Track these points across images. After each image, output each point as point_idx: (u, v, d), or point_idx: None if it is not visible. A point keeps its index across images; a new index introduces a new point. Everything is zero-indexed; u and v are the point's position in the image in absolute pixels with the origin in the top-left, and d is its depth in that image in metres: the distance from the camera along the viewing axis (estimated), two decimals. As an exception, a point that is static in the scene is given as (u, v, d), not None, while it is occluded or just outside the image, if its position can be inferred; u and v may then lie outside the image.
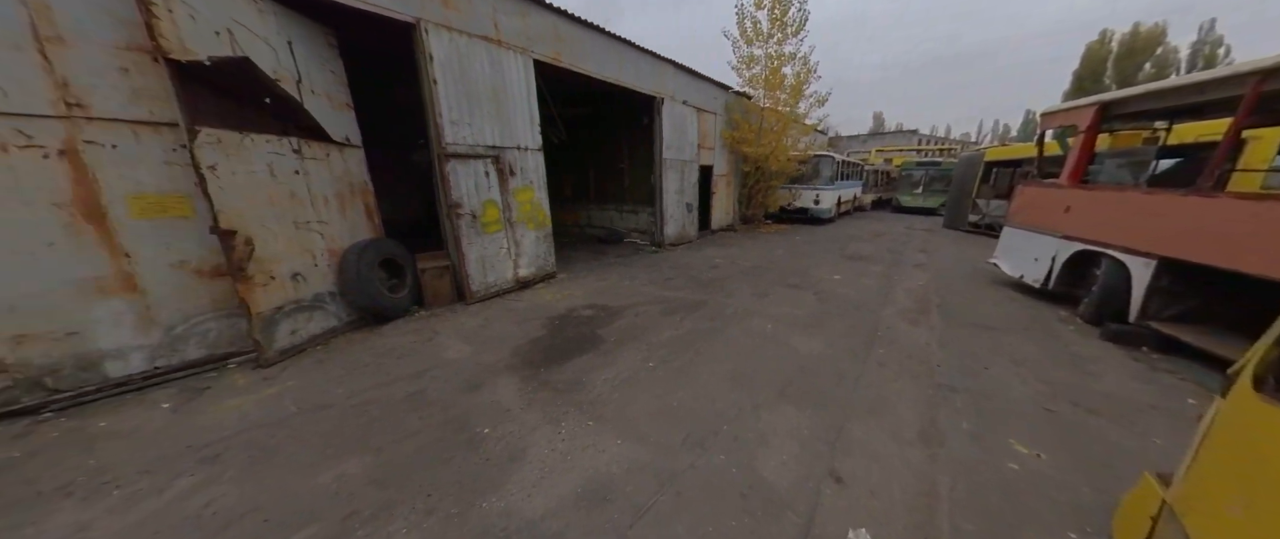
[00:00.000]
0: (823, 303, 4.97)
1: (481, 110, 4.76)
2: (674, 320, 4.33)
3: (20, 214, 2.59)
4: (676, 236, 8.87)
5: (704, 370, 3.22)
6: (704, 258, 7.66)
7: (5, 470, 2.17)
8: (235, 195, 3.12)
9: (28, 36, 2.52)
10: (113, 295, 2.91)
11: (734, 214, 11.72)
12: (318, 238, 3.84)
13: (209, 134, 2.96)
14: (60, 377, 2.78)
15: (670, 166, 8.30)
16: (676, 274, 6.37)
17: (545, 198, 5.84)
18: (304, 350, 3.62)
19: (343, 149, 4.17)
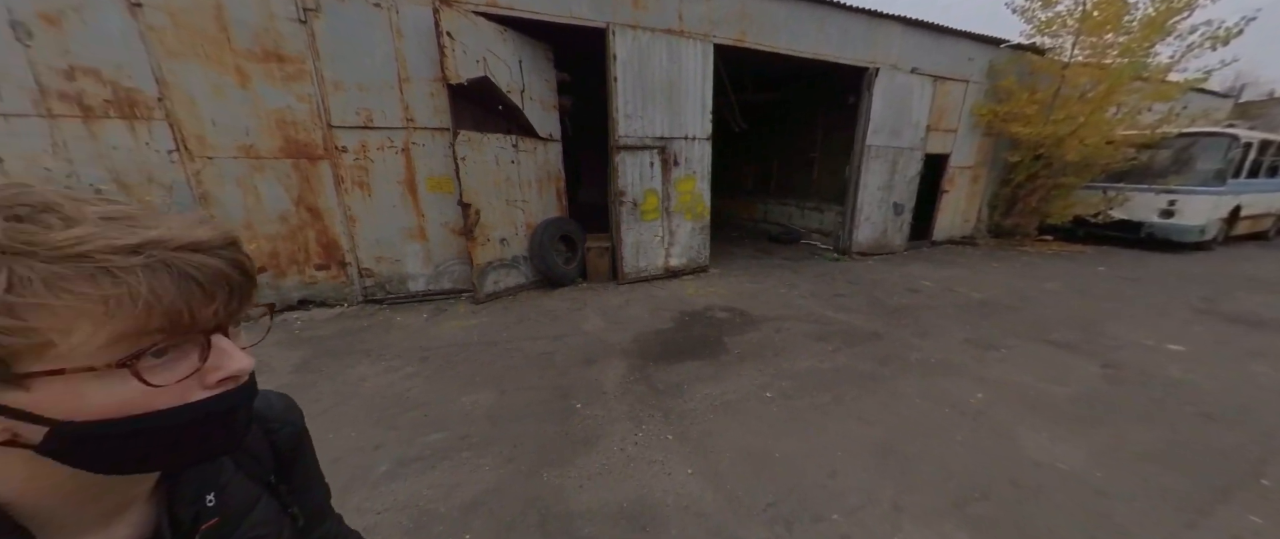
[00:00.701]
0: (1115, 384, 2.97)
1: (654, 103, 4.96)
2: (823, 349, 3.49)
3: (386, 187, 4.36)
4: (871, 244, 7.10)
5: (838, 427, 2.46)
6: (904, 276, 5.85)
7: (356, 333, 3.80)
8: (473, 178, 4.33)
9: (395, 80, 4.14)
10: (415, 240, 4.59)
11: (979, 222, 8.45)
12: (520, 213, 4.94)
13: (464, 135, 4.18)
14: (390, 285, 4.62)
15: (875, 156, 6.61)
16: (854, 292, 5.10)
17: (707, 188, 5.67)
18: (500, 297, 4.79)
19: (546, 143, 5.16)
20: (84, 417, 0.28)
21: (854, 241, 6.94)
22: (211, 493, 0.41)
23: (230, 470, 0.45)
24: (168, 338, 0.29)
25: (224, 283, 0.31)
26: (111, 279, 0.27)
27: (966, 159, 7.74)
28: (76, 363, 0.27)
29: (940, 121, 7.09)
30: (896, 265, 6.52)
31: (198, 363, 0.31)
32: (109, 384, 0.28)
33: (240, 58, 3.68)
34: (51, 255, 0.26)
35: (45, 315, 0.26)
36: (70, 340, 0.26)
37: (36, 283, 0.25)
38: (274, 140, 3.93)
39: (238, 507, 0.43)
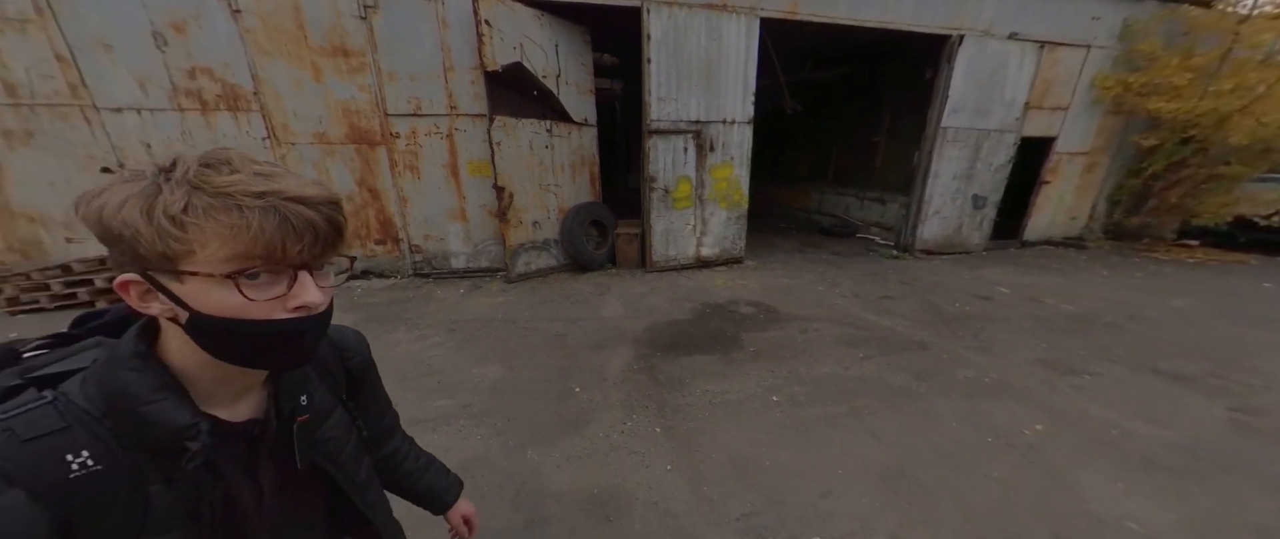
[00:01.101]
0: (1244, 435, 2.33)
1: (690, 84, 4.73)
2: (851, 355, 3.17)
3: (433, 170, 4.73)
4: (940, 241, 6.23)
5: (847, 442, 2.23)
6: (975, 280, 5.08)
7: (401, 303, 4.22)
8: (508, 163, 4.51)
9: (439, 70, 4.41)
10: (457, 221, 4.95)
11: (1091, 220, 7.03)
12: (552, 197, 5.07)
13: (500, 120, 4.35)
14: (435, 261, 5.05)
15: (952, 140, 5.72)
16: (906, 295, 4.55)
17: (746, 176, 5.35)
18: (529, 278, 5.01)
19: (581, 128, 5.20)
20: (207, 310, 0.39)
21: (918, 238, 6.13)
22: (304, 396, 0.53)
23: (316, 382, 0.57)
24: (263, 264, 0.39)
25: (312, 230, 0.39)
26: (239, 213, 0.37)
27: (1079, 143, 6.39)
28: (206, 269, 0.37)
29: (1045, 97, 5.91)
30: (969, 267, 5.66)
31: (284, 290, 0.40)
32: (222, 290, 0.38)
33: (314, 54, 4.16)
34: (212, 191, 0.36)
35: (196, 232, 0.36)
36: (206, 252, 0.37)
37: (199, 209, 0.36)
38: (341, 128, 4.43)
39: (321, 410, 0.56)
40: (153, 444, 0.41)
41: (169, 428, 0.41)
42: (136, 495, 0.40)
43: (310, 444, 0.54)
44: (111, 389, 0.40)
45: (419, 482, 0.79)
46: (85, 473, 0.38)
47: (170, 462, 0.42)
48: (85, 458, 0.38)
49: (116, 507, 0.39)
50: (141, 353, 0.42)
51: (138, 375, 0.41)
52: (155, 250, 0.36)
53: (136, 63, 3.90)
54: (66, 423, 0.38)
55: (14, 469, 0.35)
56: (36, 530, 0.34)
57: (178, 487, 0.43)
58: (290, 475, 0.53)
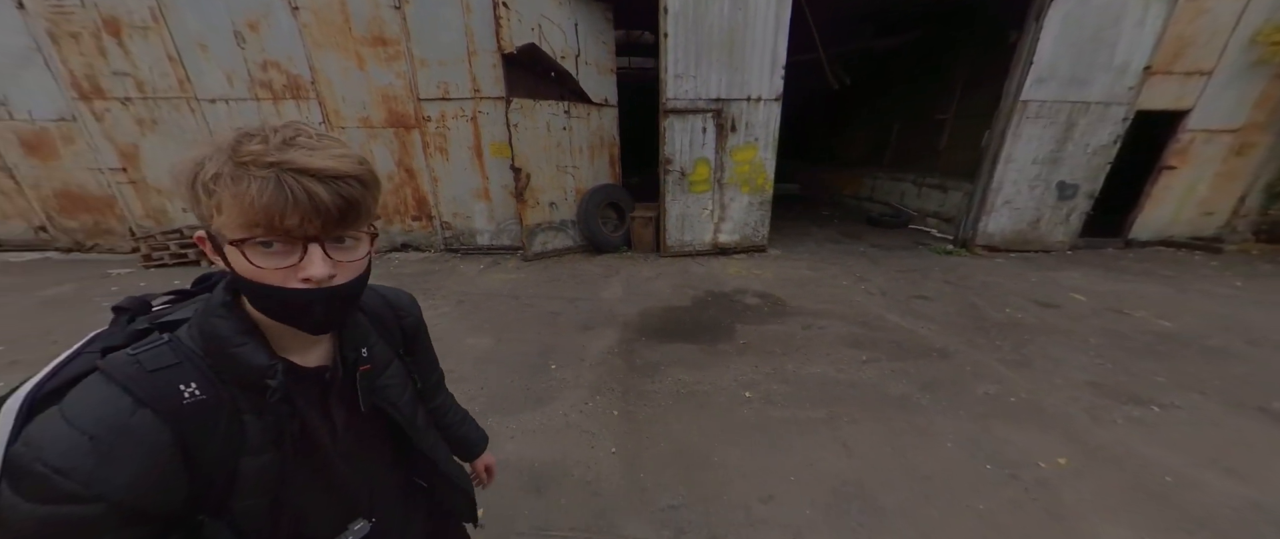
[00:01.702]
0: (1366, 503, 1.76)
1: (710, 59, 4.46)
2: (852, 357, 2.89)
3: (459, 152, 5.03)
4: (1010, 236, 5.35)
5: (811, 450, 2.08)
6: (1043, 284, 4.31)
7: (428, 275, 4.62)
8: (525, 144, 4.65)
9: (464, 55, 4.61)
10: (481, 200, 5.24)
11: (1236, 216, 5.58)
12: (570, 178, 5.15)
13: (517, 102, 4.47)
14: (463, 238, 5.42)
15: (1035, 115, 4.80)
16: (947, 296, 4.01)
17: (772, 158, 4.97)
18: (546, 257, 5.19)
19: (601, 109, 5.17)
20: (237, 270, 0.44)
21: (979, 231, 5.31)
22: (364, 348, 0.59)
23: (375, 336, 0.63)
24: (265, 234, 0.41)
25: (310, 202, 0.40)
26: (247, 183, 0.39)
27: (1227, 118, 5.01)
28: (224, 234, 0.42)
29: (1176, 59, 4.69)
30: (1042, 268, 4.81)
31: (295, 260, 0.43)
32: (237, 255, 0.42)
33: (358, 44, 4.56)
34: (238, 160, 0.39)
35: (217, 199, 0.40)
36: (221, 218, 0.41)
37: (225, 177, 0.39)
38: (381, 112, 4.85)
39: (380, 361, 0.63)
40: (242, 380, 0.48)
41: (252, 367, 0.47)
42: (233, 422, 0.47)
43: (371, 390, 0.60)
44: (208, 333, 0.47)
45: (456, 432, 0.89)
46: (194, 400, 0.45)
47: (257, 396, 0.48)
48: (193, 388, 0.45)
49: (218, 430, 0.46)
50: (227, 303, 0.49)
51: (225, 322, 0.47)
52: (199, 213, 0.42)
53: (224, 59, 4.58)
54: (179, 359, 0.46)
55: (144, 394, 0.42)
56: (163, 444, 0.42)
57: (265, 417, 0.49)
58: (357, 416, 0.60)
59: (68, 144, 4.90)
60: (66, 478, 0.37)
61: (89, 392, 0.42)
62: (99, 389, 0.42)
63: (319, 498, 0.56)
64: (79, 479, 0.38)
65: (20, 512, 0.37)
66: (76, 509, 0.38)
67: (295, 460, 0.52)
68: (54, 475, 0.37)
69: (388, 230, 5.38)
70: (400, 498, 0.71)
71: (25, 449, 0.39)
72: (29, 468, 0.38)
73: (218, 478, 0.47)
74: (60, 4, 4.32)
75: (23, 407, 0.42)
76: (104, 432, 0.40)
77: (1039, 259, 5.16)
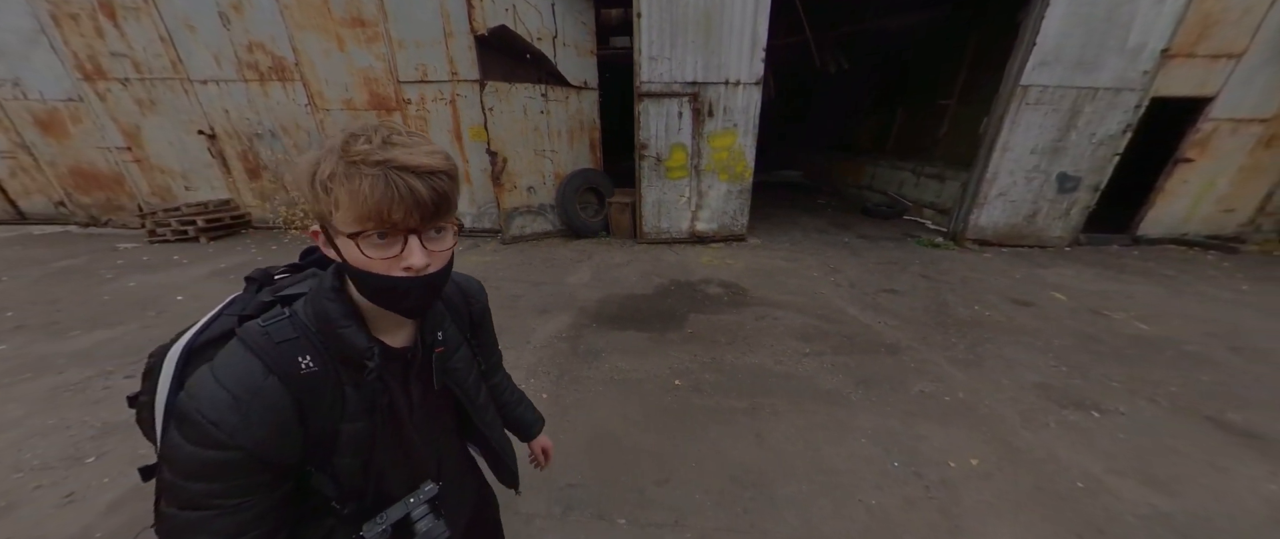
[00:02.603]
0: (1286, 521, 1.70)
1: (685, 40, 4.32)
2: (796, 349, 2.88)
3: (440, 135, 5.07)
4: (1004, 230, 5.12)
5: (721, 439, 2.11)
6: (1025, 281, 4.14)
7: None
8: (501, 128, 4.66)
9: (441, 36, 4.60)
10: (462, 183, 5.30)
11: (1261, 212, 5.20)
12: (548, 163, 5.16)
13: (492, 85, 4.46)
14: (445, 220, 5.52)
15: (1037, 102, 4.51)
16: (919, 290, 3.90)
17: (751, 145, 4.85)
18: (524, 241, 5.26)
19: (580, 92, 5.11)
20: (350, 261, 0.49)
21: (971, 224, 5.09)
22: (440, 332, 0.66)
23: (449, 322, 0.69)
24: (377, 226, 0.45)
25: (413, 196, 0.44)
26: (360, 180, 0.43)
27: (1256, 106, 4.60)
28: (340, 228, 0.47)
29: (1200, 40, 4.29)
30: (1032, 264, 4.60)
31: (398, 251, 0.48)
32: (350, 247, 0.47)
33: (338, 25, 4.60)
34: (349, 159, 0.43)
35: (335, 197, 0.44)
36: (339, 214, 0.45)
37: (340, 176, 0.44)
38: (363, 94, 4.92)
39: (452, 344, 0.69)
40: (345, 356, 0.54)
41: (355, 347, 0.53)
42: (337, 392, 0.54)
43: (444, 370, 0.67)
44: (319, 313, 0.53)
45: (513, 412, 0.94)
46: (309, 372, 0.51)
47: (356, 372, 0.55)
48: (309, 361, 0.51)
49: (325, 398, 0.53)
50: (336, 288, 0.54)
51: (333, 305, 0.53)
52: (316, 210, 0.48)
53: (211, 40, 4.70)
54: (297, 334, 0.52)
55: (272, 362, 0.50)
56: (286, 405, 0.50)
57: (361, 390, 0.55)
58: (430, 392, 0.66)
59: (77, 123, 5.17)
60: (217, 429, 0.46)
61: (232, 356, 0.50)
62: (239, 355, 0.50)
63: (398, 462, 0.63)
64: (226, 430, 0.46)
65: (185, 451, 0.46)
66: (224, 454, 0.46)
67: (382, 428, 0.59)
68: (209, 425, 0.46)
69: (374, 211, 5.53)
70: (459, 465, 0.80)
71: (189, 400, 0.47)
72: (192, 417, 0.46)
73: (324, 438, 0.54)
74: (58, -14, 4.49)
75: (181, 358, 0.53)
76: (243, 392, 0.47)
77: (1033, 255, 4.94)
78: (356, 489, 0.58)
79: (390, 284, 0.49)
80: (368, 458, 0.58)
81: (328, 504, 0.56)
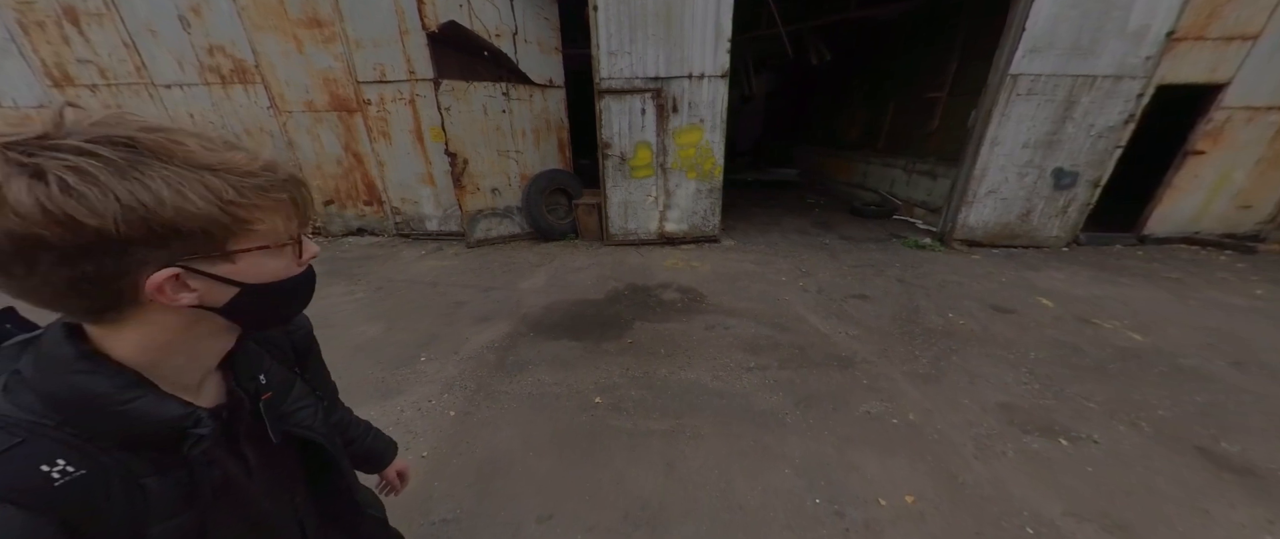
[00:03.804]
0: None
1: (644, 33, 4.12)
2: (739, 363, 2.66)
3: (401, 136, 4.97)
4: (995, 230, 4.78)
5: (626, 465, 1.92)
6: (1011, 286, 3.83)
7: (367, 259, 4.65)
8: (460, 128, 4.52)
9: (396, 34, 4.48)
10: (426, 185, 5.20)
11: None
12: (513, 164, 5.01)
13: (447, 84, 4.32)
14: (412, 223, 5.43)
15: (1029, 92, 4.18)
16: (891, 296, 3.63)
17: (720, 141, 4.62)
18: (489, 244, 5.12)
19: (545, 90, 4.95)
20: (260, 280, 0.43)
21: (960, 224, 4.77)
22: (261, 374, 0.55)
23: (268, 360, 0.58)
24: (297, 230, 0.45)
25: (307, 200, 0.46)
26: (276, 192, 0.41)
27: (1273, 93, 4.18)
28: (272, 241, 0.42)
29: (1210, 21, 3.91)
30: (1023, 267, 4.27)
31: (300, 249, 0.47)
32: (277, 258, 0.44)
33: (295, 26, 4.52)
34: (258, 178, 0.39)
35: (254, 213, 0.39)
36: (265, 226, 0.41)
37: (251, 190, 0.39)
38: (324, 96, 4.84)
39: (281, 384, 0.58)
40: (138, 440, 0.40)
41: (161, 421, 0.40)
42: (133, 490, 0.39)
43: (278, 417, 0.56)
44: (65, 395, 0.37)
45: (361, 446, 0.85)
46: (68, 480, 0.36)
47: (160, 454, 0.41)
48: (63, 466, 0.36)
49: (113, 505, 0.38)
50: (88, 354, 0.39)
51: (96, 378, 0.38)
52: (217, 235, 0.38)
53: (173, 44, 4.67)
54: (20, 437, 0.35)
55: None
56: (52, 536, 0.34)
57: (171, 475, 0.42)
58: (269, 447, 0.55)
59: (50, 130, 5.21)
60: None
61: None
62: None
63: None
64: None
65: None
66: None
67: (218, 513, 0.46)
68: None
69: (342, 215, 5.47)
70: (326, 531, 0.67)
71: None
72: None
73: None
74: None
75: None
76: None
77: (1025, 256, 4.60)
78: None
79: (301, 280, 0.48)
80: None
81: None
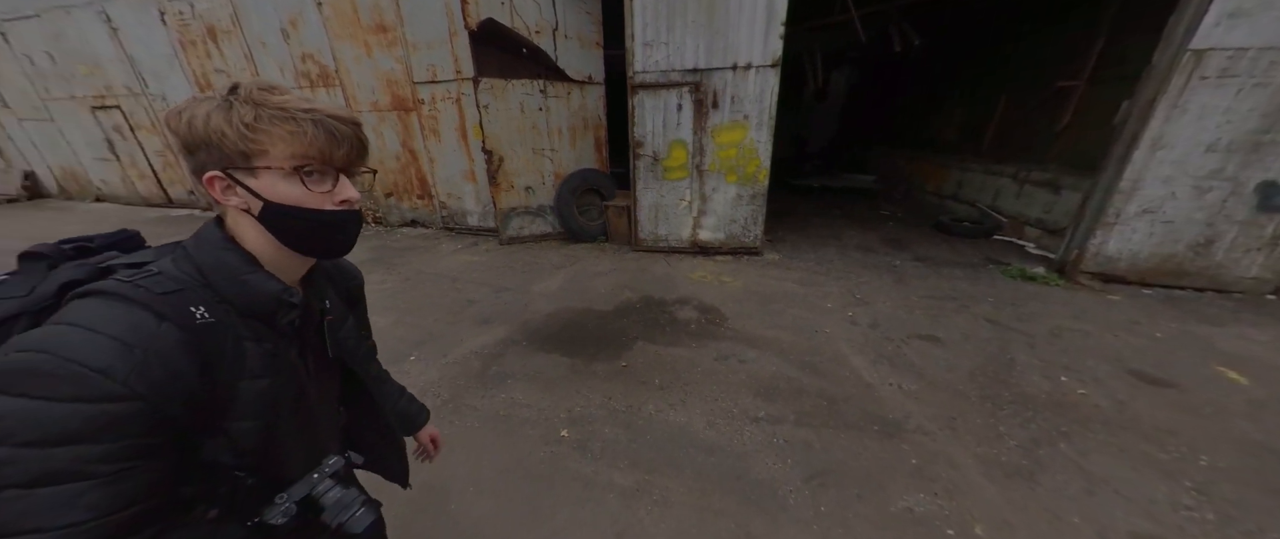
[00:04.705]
0: None
1: (684, 21, 3.72)
2: (747, 410, 2.17)
3: (449, 134, 5.18)
4: (1150, 264, 3.52)
5: (575, 521, 1.60)
6: (1176, 344, 2.73)
7: (410, 251, 4.92)
8: (497, 125, 4.55)
9: (446, 36, 4.64)
10: (469, 181, 5.36)
11: None
12: (548, 162, 4.94)
13: (486, 82, 4.36)
14: (456, 218, 5.65)
15: (1225, 73, 2.98)
16: (971, 343, 2.80)
17: (767, 141, 4.04)
18: (522, 242, 5.12)
19: (583, 87, 4.79)
20: (276, 199, 0.50)
21: (1093, 252, 3.59)
22: (327, 300, 0.66)
23: (333, 294, 0.70)
24: (316, 164, 0.50)
25: (349, 140, 0.51)
26: (295, 123, 0.48)
27: None
28: (277, 164, 0.49)
29: None
30: (1192, 319, 3.06)
31: (331, 186, 0.52)
32: (289, 182, 0.50)
33: (366, 32, 4.93)
34: (272, 107, 0.47)
35: (265, 136, 0.47)
36: (275, 150, 0.48)
37: (265, 118, 0.47)
38: (387, 96, 5.23)
39: (339, 315, 0.69)
40: (249, 307, 0.52)
41: (268, 293, 0.52)
42: (237, 346, 0.51)
43: (336, 341, 0.65)
44: (211, 265, 0.50)
45: (396, 404, 0.92)
46: (205, 322, 0.48)
47: (258, 323, 0.53)
48: (202, 311, 0.48)
49: (225, 353, 0.50)
50: (228, 238, 0.52)
51: (232, 255, 0.52)
52: (237, 150, 0.47)
53: (277, 54, 5.39)
54: (181, 286, 0.48)
55: (164, 310, 0.45)
56: (187, 355, 0.45)
57: (263, 343, 0.53)
58: (323, 362, 0.64)
59: (198, 128, 6.39)
60: (106, 377, 0.40)
61: (103, 308, 0.43)
62: (113, 307, 0.43)
63: (301, 429, 0.59)
64: (119, 377, 0.41)
65: (47, 412, 0.38)
66: (114, 407, 0.40)
67: (284, 390, 0.55)
68: (93, 374, 0.40)
69: (399, 207, 5.90)
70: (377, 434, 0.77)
71: (43, 356, 0.39)
72: (61, 370, 0.39)
73: (221, 398, 0.49)
74: (181, 16, 5.55)
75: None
76: (136, 339, 0.42)
77: (1199, 304, 3.31)
78: (256, 460, 0.53)
79: (329, 217, 0.52)
80: (272, 421, 0.54)
81: (212, 492, 0.51)
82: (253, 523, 0.53)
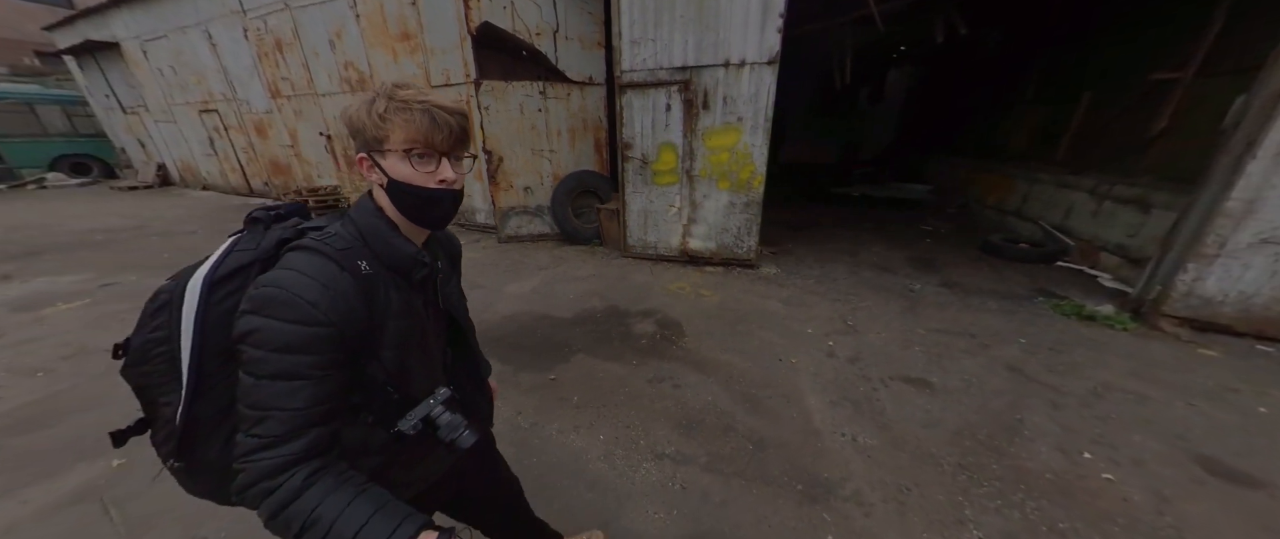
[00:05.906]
0: None
1: (672, 16, 3.50)
2: (653, 443, 1.92)
3: (462, 134, 5.40)
4: (1264, 313, 2.63)
5: None
6: (1274, 421, 1.97)
7: (415, 244, 5.19)
8: (497, 126, 4.65)
9: (457, 41, 4.84)
10: (476, 180, 5.54)
11: None
12: (546, 163, 4.95)
13: (487, 84, 4.47)
14: (464, 215, 5.87)
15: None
16: (974, 391, 2.26)
17: (762, 145, 3.67)
18: (519, 241, 5.17)
19: (583, 88, 4.74)
20: (396, 177, 0.62)
21: (1181, 289, 2.77)
22: (440, 261, 0.79)
23: (443, 255, 0.82)
24: (422, 148, 0.61)
25: (449, 126, 0.62)
26: (409, 113, 0.59)
27: None
28: (396, 148, 0.61)
29: None
30: (1330, 392, 2.20)
31: (434, 167, 0.63)
32: (404, 163, 0.61)
33: (393, 40, 5.31)
34: (397, 100, 0.60)
35: (390, 125, 0.60)
36: (395, 136, 0.60)
37: (392, 110, 0.59)
38: (410, 100, 5.58)
39: (448, 273, 0.83)
40: (391, 262, 0.65)
41: (407, 254, 0.67)
42: (386, 293, 0.65)
43: (445, 294, 0.80)
44: (367, 228, 0.65)
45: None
46: (367, 273, 0.62)
47: (398, 275, 0.67)
48: (365, 265, 0.62)
49: (379, 297, 0.64)
50: (377, 209, 0.66)
51: (381, 221, 0.66)
52: (373, 136, 0.60)
53: (326, 62, 6.00)
54: (350, 244, 0.63)
55: (343, 262, 0.60)
56: (358, 296, 0.60)
57: (402, 293, 0.67)
58: (434, 312, 0.78)
59: (270, 128, 7.34)
60: (315, 307, 0.56)
61: (307, 260, 0.59)
62: (316, 259, 0.60)
63: (423, 361, 0.74)
64: (322, 309, 0.56)
65: (280, 329, 0.55)
66: (319, 330, 0.56)
67: (411, 333, 0.69)
68: (307, 305, 0.56)
69: (419, 203, 6.28)
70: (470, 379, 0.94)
71: (280, 290, 0.56)
72: (290, 300, 0.55)
73: (377, 331, 0.64)
74: (258, 31, 6.40)
75: (205, 288, 0.60)
76: (330, 281, 0.58)
77: (1348, 371, 2.39)
78: (398, 380, 0.68)
79: (429, 194, 0.63)
80: (406, 352, 0.68)
81: (370, 401, 0.67)
82: (393, 431, 0.67)
